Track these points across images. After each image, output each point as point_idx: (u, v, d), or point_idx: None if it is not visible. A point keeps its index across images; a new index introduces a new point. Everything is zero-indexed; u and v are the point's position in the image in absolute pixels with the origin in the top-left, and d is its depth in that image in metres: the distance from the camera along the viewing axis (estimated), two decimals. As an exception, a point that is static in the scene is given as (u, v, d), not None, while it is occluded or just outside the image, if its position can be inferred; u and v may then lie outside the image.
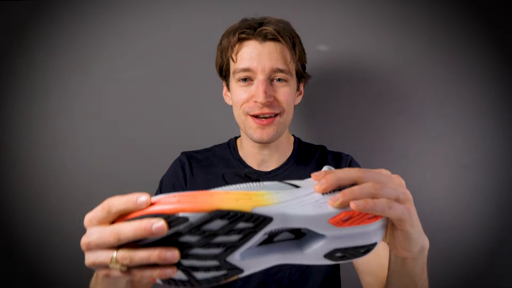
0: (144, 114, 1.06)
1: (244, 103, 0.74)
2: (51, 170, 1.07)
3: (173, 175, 0.84)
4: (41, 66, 1.05)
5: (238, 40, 0.72)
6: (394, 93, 1.01)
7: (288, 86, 0.74)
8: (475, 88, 0.98)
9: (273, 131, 0.74)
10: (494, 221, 0.99)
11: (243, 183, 0.39)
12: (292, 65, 0.74)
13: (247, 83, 0.73)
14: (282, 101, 0.73)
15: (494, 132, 0.98)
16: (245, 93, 0.73)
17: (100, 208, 0.36)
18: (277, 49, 0.72)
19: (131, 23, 1.04)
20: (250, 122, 0.74)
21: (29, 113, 1.06)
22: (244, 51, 0.72)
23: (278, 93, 0.73)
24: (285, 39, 0.72)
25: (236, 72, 0.73)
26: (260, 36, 0.71)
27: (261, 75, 0.71)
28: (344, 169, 0.38)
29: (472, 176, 0.99)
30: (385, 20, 0.99)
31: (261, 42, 0.71)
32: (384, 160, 1.02)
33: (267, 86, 0.71)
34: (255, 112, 0.72)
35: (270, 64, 0.71)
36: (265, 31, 0.71)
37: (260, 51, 0.71)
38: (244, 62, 0.72)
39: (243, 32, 0.72)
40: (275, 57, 0.71)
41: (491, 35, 0.97)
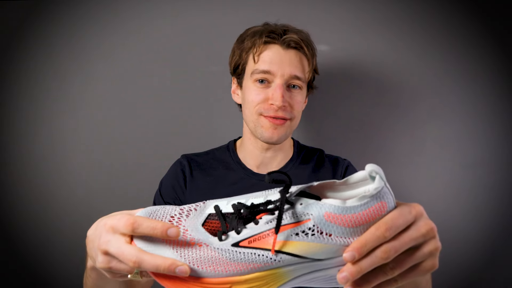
0: (145, 115, 1.06)
1: (259, 104, 0.76)
2: (51, 170, 1.07)
3: (173, 177, 0.84)
4: (41, 66, 1.05)
5: (263, 42, 0.75)
6: (394, 94, 1.01)
7: (301, 94, 0.78)
8: (475, 88, 0.99)
9: (283, 132, 0.77)
10: (494, 221, 0.99)
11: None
12: (308, 74, 0.78)
13: (264, 85, 0.76)
14: (295, 108, 0.77)
15: (494, 132, 0.99)
16: (260, 95, 0.76)
17: (126, 223, 0.37)
18: (297, 58, 0.76)
19: (132, 24, 1.04)
20: (263, 121, 0.76)
21: (29, 113, 1.06)
22: (266, 53, 0.75)
23: (293, 99, 0.76)
24: (307, 48, 0.76)
25: (256, 73, 0.75)
26: (284, 43, 0.74)
27: (279, 80, 0.74)
28: (371, 235, 0.35)
29: (472, 176, 1.00)
30: (384, 21, 0.99)
31: (284, 49, 0.75)
32: (384, 160, 1.02)
33: (284, 91, 0.74)
34: (270, 114, 0.75)
35: (290, 70, 0.74)
36: (289, 38, 0.74)
37: (282, 57, 0.74)
38: (265, 65, 0.74)
39: (269, 36, 0.75)
40: (295, 64, 0.75)
41: (491, 35, 0.97)
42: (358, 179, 0.40)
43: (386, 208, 0.36)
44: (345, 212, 0.35)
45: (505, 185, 0.98)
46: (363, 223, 0.35)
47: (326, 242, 0.35)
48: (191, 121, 1.05)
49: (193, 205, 0.41)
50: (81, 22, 1.05)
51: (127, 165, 1.06)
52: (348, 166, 0.85)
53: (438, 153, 1.00)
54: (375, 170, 0.37)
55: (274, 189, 0.40)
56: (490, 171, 0.99)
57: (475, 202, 1.00)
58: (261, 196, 0.40)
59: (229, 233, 0.37)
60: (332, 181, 0.41)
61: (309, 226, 0.36)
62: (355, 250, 0.34)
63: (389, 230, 0.34)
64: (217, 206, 0.40)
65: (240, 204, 0.39)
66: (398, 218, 0.35)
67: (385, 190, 0.36)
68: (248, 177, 0.82)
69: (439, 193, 1.00)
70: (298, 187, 0.38)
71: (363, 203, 0.35)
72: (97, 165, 1.07)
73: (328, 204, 0.36)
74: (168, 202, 0.81)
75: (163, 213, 0.39)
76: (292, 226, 0.36)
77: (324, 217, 0.35)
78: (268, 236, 0.36)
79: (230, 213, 0.39)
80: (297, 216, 0.36)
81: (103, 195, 1.07)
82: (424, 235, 0.36)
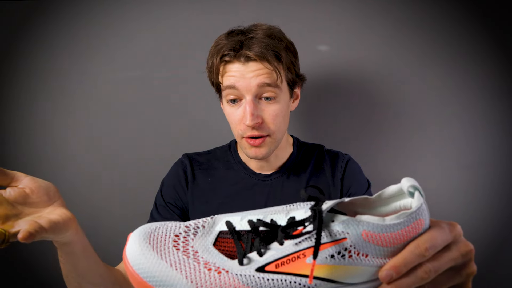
0: (145, 115, 1.06)
1: (237, 125, 0.74)
2: (51, 170, 1.07)
3: (174, 177, 0.84)
4: (41, 66, 1.05)
5: (220, 62, 0.72)
6: (394, 93, 1.01)
7: (277, 103, 0.72)
8: (475, 88, 0.99)
9: (266, 150, 0.75)
10: (494, 221, 0.99)
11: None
12: (280, 81, 0.72)
13: (236, 104, 0.73)
14: (270, 123, 0.72)
15: (494, 132, 0.99)
16: (235, 114, 0.73)
17: None
18: (261, 67, 0.69)
19: (132, 24, 1.04)
20: (244, 143, 0.75)
21: (30, 113, 1.07)
22: (229, 73, 0.71)
23: (266, 113, 0.72)
24: (268, 58, 0.68)
25: (224, 89, 0.73)
26: (242, 57, 0.69)
27: (248, 95, 0.70)
28: (410, 254, 0.33)
29: (472, 176, 1.00)
30: (384, 21, 0.99)
31: (244, 63, 0.69)
32: (384, 160, 1.02)
33: (254, 107, 0.70)
34: (247, 134, 0.73)
35: (255, 81, 0.69)
36: (246, 54, 0.68)
37: (244, 72, 0.69)
38: (230, 80, 0.71)
39: (226, 55, 0.70)
40: (260, 73, 0.69)
41: (491, 35, 0.97)
42: (392, 193, 0.37)
43: (423, 225, 0.33)
44: (384, 230, 0.32)
45: (505, 185, 0.99)
46: (401, 242, 0.32)
47: (364, 264, 0.32)
48: (193, 120, 1.05)
49: (200, 221, 0.36)
50: (81, 22, 1.05)
51: (128, 164, 1.06)
52: (348, 161, 0.84)
53: (438, 153, 1.01)
54: (415, 186, 0.34)
55: (297, 204, 0.36)
56: (490, 171, 0.99)
57: (475, 202, 1.00)
58: (282, 211, 0.35)
59: (249, 255, 0.32)
60: (363, 197, 0.37)
61: (346, 247, 0.32)
62: (393, 269, 0.32)
63: (429, 249, 0.32)
64: (229, 222, 0.35)
65: (260, 222, 0.34)
66: (437, 238, 0.33)
67: (424, 207, 0.33)
68: (249, 177, 0.82)
69: (439, 193, 1.00)
70: (328, 204, 0.33)
71: (402, 221, 0.32)
72: (98, 165, 1.07)
73: (366, 222, 0.32)
74: (170, 202, 0.81)
75: (165, 231, 0.34)
76: (327, 246, 0.32)
77: (362, 236, 0.32)
78: (299, 258, 0.32)
79: (245, 231, 0.34)
80: (331, 235, 0.32)
81: (104, 194, 1.07)
82: (464, 256, 0.34)
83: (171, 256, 0.32)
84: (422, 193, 0.34)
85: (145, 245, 0.32)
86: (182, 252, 0.32)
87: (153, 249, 0.32)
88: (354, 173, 0.83)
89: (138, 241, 0.33)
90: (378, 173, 0.99)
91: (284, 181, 0.81)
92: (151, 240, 0.33)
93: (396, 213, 0.35)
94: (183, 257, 0.32)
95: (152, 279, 0.31)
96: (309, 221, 0.32)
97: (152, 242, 0.33)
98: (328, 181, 0.81)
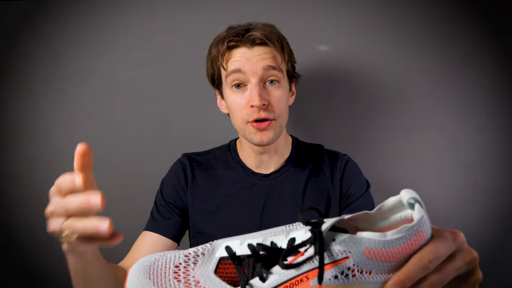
0: (145, 115, 1.06)
1: (241, 110, 0.74)
2: (51, 169, 1.07)
3: (174, 177, 0.84)
4: (41, 66, 1.05)
5: (227, 48, 0.73)
6: (393, 92, 1.01)
7: (281, 88, 0.75)
8: (475, 88, 0.99)
9: (272, 133, 0.75)
10: (494, 221, 0.99)
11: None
12: (283, 66, 0.75)
13: (240, 89, 0.74)
14: (275, 106, 0.74)
15: (494, 132, 0.99)
16: (240, 99, 0.74)
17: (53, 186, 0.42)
18: (266, 51, 0.73)
19: (133, 24, 1.04)
20: (249, 128, 0.74)
21: (30, 113, 1.06)
22: (234, 58, 0.73)
23: (272, 97, 0.73)
24: (273, 42, 0.72)
25: (228, 75, 0.73)
26: (248, 42, 0.72)
27: (253, 78, 0.72)
28: (414, 267, 0.32)
29: (472, 176, 1.00)
30: (384, 20, 0.99)
31: (249, 47, 0.72)
32: (383, 160, 1.02)
33: (260, 89, 0.72)
34: (254, 117, 0.73)
35: (261, 64, 0.71)
36: (252, 36, 0.71)
37: (250, 55, 0.72)
38: (235, 64, 0.72)
39: (231, 40, 0.72)
40: (265, 57, 0.72)
41: (491, 35, 0.97)
42: (391, 205, 0.37)
43: (425, 237, 0.33)
44: (386, 246, 0.31)
45: (505, 185, 0.99)
46: (403, 255, 0.32)
47: (368, 282, 0.31)
48: (193, 120, 1.05)
49: (199, 248, 0.35)
50: (82, 23, 1.05)
51: (128, 164, 1.06)
52: (347, 161, 0.84)
53: (437, 152, 1.00)
54: (415, 198, 0.34)
55: (296, 224, 0.35)
56: (490, 171, 0.99)
57: (475, 202, 1.00)
58: (281, 232, 0.35)
59: (251, 281, 0.32)
60: (363, 212, 0.37)
61: (349, 266, 0.31)
62: (397, 284, 0.31)
63: (433, 261, 0.32)
64: (229, 247, 0.34)
65: (260, 246, 0.33)
66: (441, 248, 0.33)
67: (425, 218, 0.33)
68: (248, 177, 0.82)
69: (438, 193, 1.00)
70: (328, 223, 0.33)
71: (404, 235, 0.32)
72: (97, 165, 1.07)
73: (367, 239, 0.31)
74: (170, 202, 0.82)
75: (164, 263, 0.33)
76: (330, 267, 0.31)
77: (364, 253, 0.31)
78: (302, 282, 0.31)
79: (246, 256, 0.33)
80: (333, 255, 0.31)
81: (104, 194, 1.07)
82: (468, 264, 0.34)
83: None
84: (423, 204, 0.34)
85: (145, 280, 0.32)
86: (183, 284, 0.32)
87: (153, 284, 0.31)
88: (354, 174, 0.83)
89: (137, 276, 0.32)
90: (377, 173, 0.99)
91: (283, 180, 0.81)
92: (151, 273, 0.32)
93: (397, 226, 0.34)
94: None
95: None
96: (310, 243, 0.32)
97: (152, 276, 0.32)
98: (327, 181, 0.81)
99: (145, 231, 0.79)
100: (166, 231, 0.78)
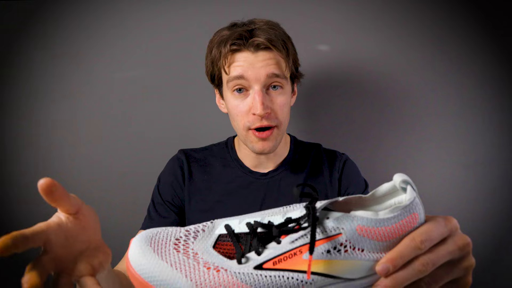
0: (144, 112, 1.06)
1: (243, 117, 0.72)
2: (51, 168, 1.07)
3: (171, 173, 0.83)
4: (41, 66, 1.05)
5: (229, 51, 0.70)
6: (393, 92, 1.01)
7: (284, 94, 0.73)
8: (475, 88, 0.99)
9: (273, 143, 0.73)
10: (494, 221, 0.99)
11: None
12: (287, 72, 0.72)
13: (242, 94, 0.71)
14: (278, 113, 0.72)
15: (494, 132, 0.99)
16: (242, 105, 0.71)
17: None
18: (270, 56, 0.69)
19: (132, 24, 1.04)
20: (251, 136, 0.73)
21: (30, 113, 1.06)
22: (236, 62, 0.70)
23: (275, 103, 0.71)
24: (278, 47, 0.69)
25: (230, 81, 0.71)
26: (252, 46, 0.68)
27: (256, 85, 0.69)
28: (405, 247, 0.33)
29: (472, 176, 1.00)
30: (384, 20, 0.99)
31: (253, 52, 0.69)
32: (383, 159, 1.02)
33: (263, 96, 0.69)
34: (256, 125, 0.71)
35: (265, 71, 0.69)
36: (256, 41, 0.68)
37: (253, 61, 0.69)
38: (238, 71, 0.69)
39: (234, 44, 0.69)
40: (269, 63, 0.69)
41: (491, 35, 0.97)
42: (385, 191, 0.38)
43: (418, 220, 0.33)
44: (378, 224, 0.32)
45: (505, 185, 0.98)
46: (396, 236, 0.33)
47: (360, 259, 0.32)
48: (191, 119, 1.05)
49: (199, 225, 0.36)
50: (81, 23, 1.05)
51: (126, 161, 1.06)
52: (346, 161, 0.83)
53: (437, 152, 1.01)
54: (406, 180, 0.35)
55: (293, 205, 0.37)
56: (490, 171, 0.99)
57: (475, 202, 1.00)
58: (279, 213, 0.36)
59: (247, 254, 0.33)
60: (357, 196, 0.38)
61: (341, 242, 0.32)
62: (389, 262, 0.32)
63: (425, 242, 0.32)
64: (228, 225, 0.35)
65: (257, 223, 0.34)
66: (433, 231, 0.33)
67: (417, 200, 0.34)
68: (245, 175, 0.82)
69: (438, 193, 1.00)
70: (322, 203, 0.34)
71: (396, 215, 0.33)
72: (95, 162, 1.07)
73: (360, 217, 0.33)
74: (168, 200, 0.81)
75: (166, 235, 0.35)
76: (323, 242, 0.32)
77: (357, 230, 0.32)
78: (296, 255, 0.32)
79: (244, 233, 0.35)
80: (326, 231, 0.33)
81: (103, 191, 1.07)
82: (461, 249, 0.34)
83: (172, 257, 0.33)
84: (414, 187, 0.35)
85: (147, 247, 0.33)
86: (182, 254, 0.33)
87: (154, 251, 0.33)
88: (352, 173, 0.83)
89: (139, 244, 0.34)
90: (376, 173, 0.99)
91: (281, 179, 0.81)
92: (152, 243, 0.34)
93: None
94: (183, 258, 0.33)
95: (152, 279, 0.32)
96: (304, 219, 0.33)
97: (153, 245, 0.34)
98: (326, 181, 0.81)
99: (142, 230, 0.78)
100: None
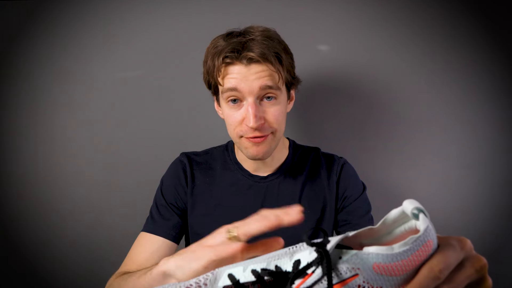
0: (144, 115, 1.06)
1: (237, 126, 0.73)
2: (51, 169, 1.07)
3: (174, 176, 0.83)
4: (41, 66, 1.05)
5: (222, 64, 0.70)
6: (393, 94, 1.01)
7: (278, 103, 0.73)
8: (475, 88, 0.98)
9: (267, 148, 0.74)
10: (494, 221, 0.99)
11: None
12: (280, 83, 0.72)
13: (236, 104, 0.72)
14: (272, 122, 0.72)
15: (494, 132, 0.99)
16: (236, 114, 0.72)
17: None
18: (263, 69, 0.69)
19: (132, 24, 1.04)
20: (244, 142, 0.74)
21: (30, 114, 1.06)
22: (230, 75, 0.70)
23: (268, 113, 0.72)
24: (270, 60, 0.69)
25: (224, 92, 0.71)
26: (245, 59, 0.69)
27: (250, 97, 0.70)
28: (425, 278, 0.32)
29: (472, 176, 0.99)
30: (384, 21, 0.99)
31: (246, 65, 0.69)
32: (383, 160, 1.02)
33: (256, 109, 0.70)
34: (249, 135, 0.72)
35: (258, 83, 0.69)
36: (249, 56, 0.68)
37: (246, 74, 0.69)
38: (231, 82, 0.70)
39: (227, 57, 0.69)
40: (261, 75, 0.69)
41: (491, 35, 0.97)
42: (395, 218, 0.36)
43: (432, 246, 0.32)
44: (395, 259, 0.30)
45: (505, 185, 0.98)
46: (413, 267, 0.31)
47: None
48: (192, 120, 1.05)
49: (200, 279, 0.33)
50: (81, 23, 1.04)
51: (127, 163, 1.07)
52: (344, 164, 0.84)
53: (437, 152, 1.00)
54: (419, 207, 0.33)
55: (300, 245, 0.34)
56: (490, 171, 0.99)
57: (475, 202, 1.00)
58: (285, 255, 0.33)
59: None
60: (367, 228, 0.36)
61: (359, 283, 0.30)
62: None
63: (443, 271, 0.31)
64: (232, 275, 0.33)
65: (264, 271, 0.32)
66: (450, 257, 0.32)
67: (430, 227, 0.32)
68: (245, 179, 0.82)
69: (438, 193, 1.00)
70: (333, 242, 0.31)
71: (412, 246, 0.31)
72: (97, 164, 1.07)
73: (374, 254, 0.30)
74: (171, 203, 0.81)
75: None
76: (339, 286, 0.30)
77: (373, 269, 0.30)
78: None
79: (250, 282, 0.32)
80: (341, 274, 0.30)
81: (103, 193, 1.07)
82: (478, 272, 0.33)
83: None
84: (427, 214, 0.33)
85: None
86: None
87: None
88: (350, 176, 0.84)
89: None
90: (374, 175, 0.99)
91: (280, 183, 0.82)
92: None
93: (402, 238, 0.34)
94: None
95: None
96: (317, 264, 0.31)
97: None
98: (324, 184, 0.82)
99: (144, 232, 0.78)
100: (166, 232, 0.77)
